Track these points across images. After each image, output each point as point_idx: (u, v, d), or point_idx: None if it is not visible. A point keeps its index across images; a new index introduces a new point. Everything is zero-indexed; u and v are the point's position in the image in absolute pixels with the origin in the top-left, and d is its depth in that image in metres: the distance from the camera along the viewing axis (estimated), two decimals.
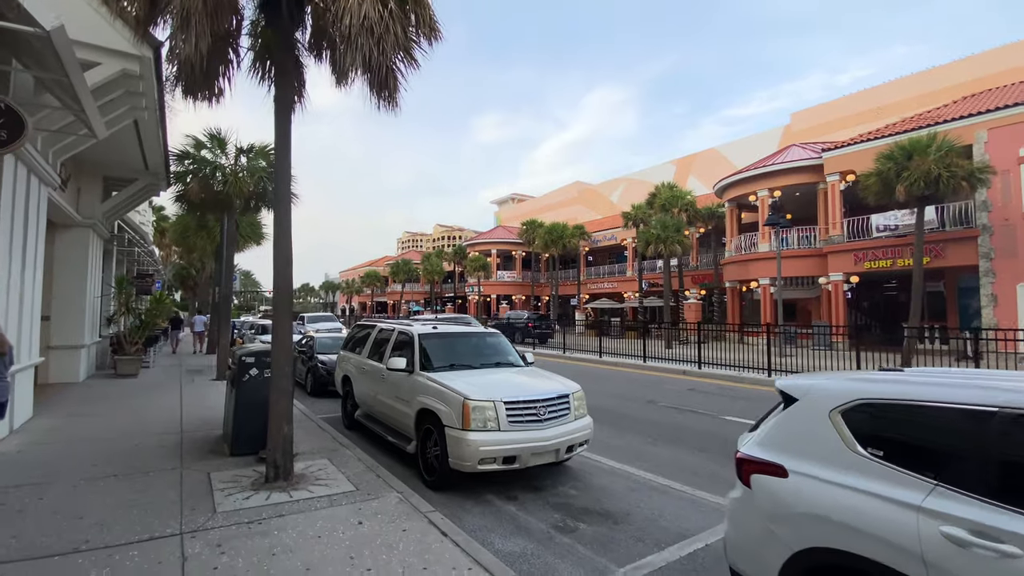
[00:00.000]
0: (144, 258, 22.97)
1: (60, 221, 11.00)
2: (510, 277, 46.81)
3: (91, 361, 12.47)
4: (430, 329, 6.93)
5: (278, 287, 5.30)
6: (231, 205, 12.87)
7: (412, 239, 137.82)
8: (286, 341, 5.25)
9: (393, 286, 67.09)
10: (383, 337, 7.70)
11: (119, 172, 11.99)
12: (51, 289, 11.00)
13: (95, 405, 8.78)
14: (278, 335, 5.22)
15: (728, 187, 26.28)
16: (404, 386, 6.29)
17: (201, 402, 9.33)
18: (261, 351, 6.17)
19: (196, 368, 15.11)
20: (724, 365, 14.02)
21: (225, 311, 12.92)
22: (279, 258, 5.29)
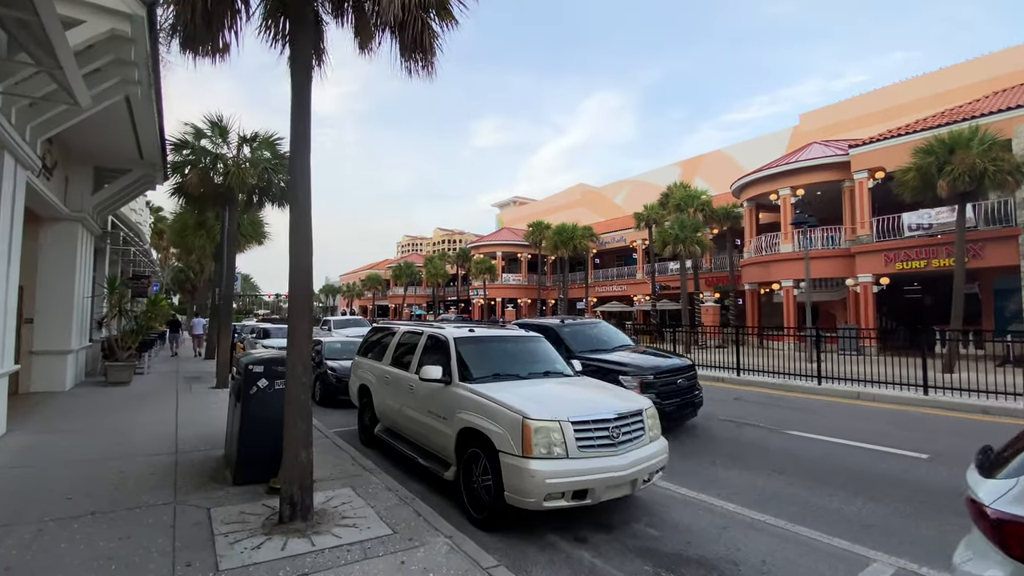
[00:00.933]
0: (140, 259, 21.99)
1: (46, 214, 10.04)
2: (516, 280, 45.84)
3: (80, 368, 11.48)
4: (466, 332, 5.97)
5: (295, 282, 4.34)
6: (233, 199, 11.93)
7: (412, 243, 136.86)
8: (303, 349, 4.29)
9: (395, 289, 66.06)
10: (408, 342, 6.74)
11: (111, 161, 11.04)
12: (35, 289, 10.03)
13: (80, 418, 7.79)
14: (295, 341, 4.25)
15: (746, 186, 25.39)
16: (440, 400, 5.33)
17: (199, 415, 8.34)
18: (271, 359, 5.21)
19: (194, 374, 14.11)
20: (765, 371, 13.05)
21: (226, 314, 11.94)
22: (297, 245, 4.33)
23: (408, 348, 6.69)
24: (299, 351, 4.24)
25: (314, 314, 29.14)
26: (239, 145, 11.78)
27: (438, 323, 6.84)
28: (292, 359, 4.23)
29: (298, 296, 4.32)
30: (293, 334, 4.25)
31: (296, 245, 4.32)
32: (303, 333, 4.29)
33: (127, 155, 10.85)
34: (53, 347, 10.09)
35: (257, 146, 11.90)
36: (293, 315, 4.29)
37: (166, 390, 10.92)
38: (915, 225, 19.02)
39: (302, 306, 4.33)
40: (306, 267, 4.36)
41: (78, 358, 11.20)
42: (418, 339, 6.44)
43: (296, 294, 4.32)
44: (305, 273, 4.35)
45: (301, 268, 4.33)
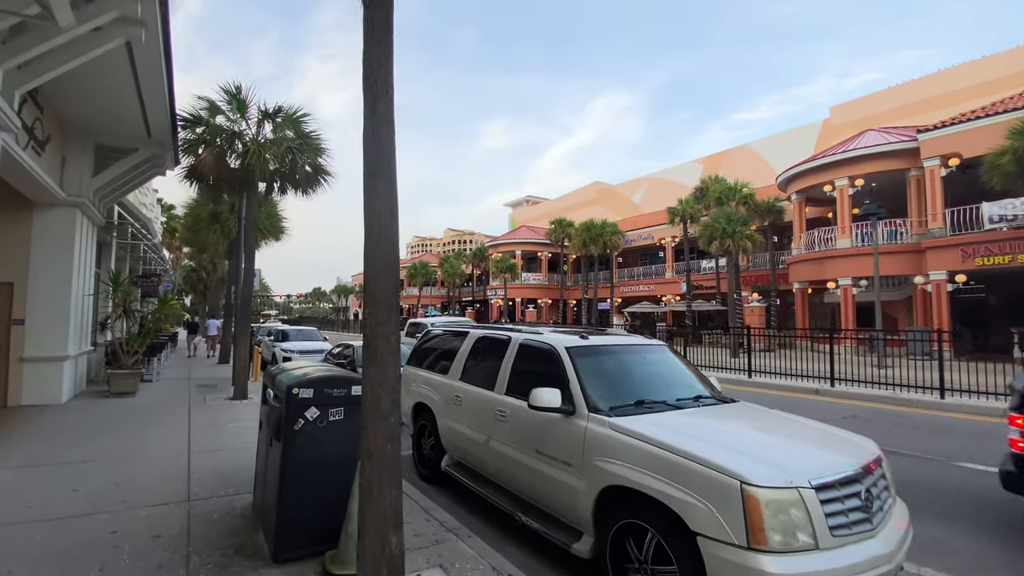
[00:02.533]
0: (150, 255, 20.68)
1: (38, 197, 8.61)
2: (536, 280, 44.22)
3: (79, 376, 10.05)
4: (576, 339, 4.37)
5: (377, 265, 2.76)
6: (252, 184, 10.46)
7: (421, 243, 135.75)
8: (389, 369, 2.70)
9: (409, 289, 64.65)
10: (487, 350, 5.18)
11: (114, 139, 9.60)
12: (26, 285, 8.61)
13: (71, 443, 6.31)
14: (377, 358, 2.68)
15: (795, 178, 23.60)
16: (558, 437, 3.75)
17: (216, 438, 6.84)
18: (324, 378, 3.65)
19: (208, 381, 12.67)
20: (862, 382, 11.36)
21: (243, 315, 10.47)
22: (379, 212, 2.76)
23: (487, 359, 5.13)
24: (383, 373, 2.67)
25: (331, 315, 27.03)
26: (260, 121, 10.30)
27: (522, 327, 5.30)
28: (371, 387, 2.67)
29: (381, 286, 2.75)
30: (374, 346, 2.68)
31: (378, 212, 2.76)
32: (389, 345, 2.71)
33: (132, 131, 9.41)
34: (47, 353, 8.66)
35: (280, 123, 10.42)
36: (373, 315, 2.73)
37: (176, 403, 9.45)
38: (998, 216, 17.16)
39: (386, 302, 2.76)
40: (390, 243, 2.80)
41: (77, 365, 9.77)
42: (503, 348, 4.87)
43: (378, 283, 2.75)
44: (390, 253, 2.79)
45: (383, 245, 2.76)
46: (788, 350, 14.77)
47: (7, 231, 8.54)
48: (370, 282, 2.74)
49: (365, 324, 2.74)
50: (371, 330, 2.70)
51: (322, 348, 16.72)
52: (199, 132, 10.03)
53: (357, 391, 3.68)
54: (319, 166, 11.19)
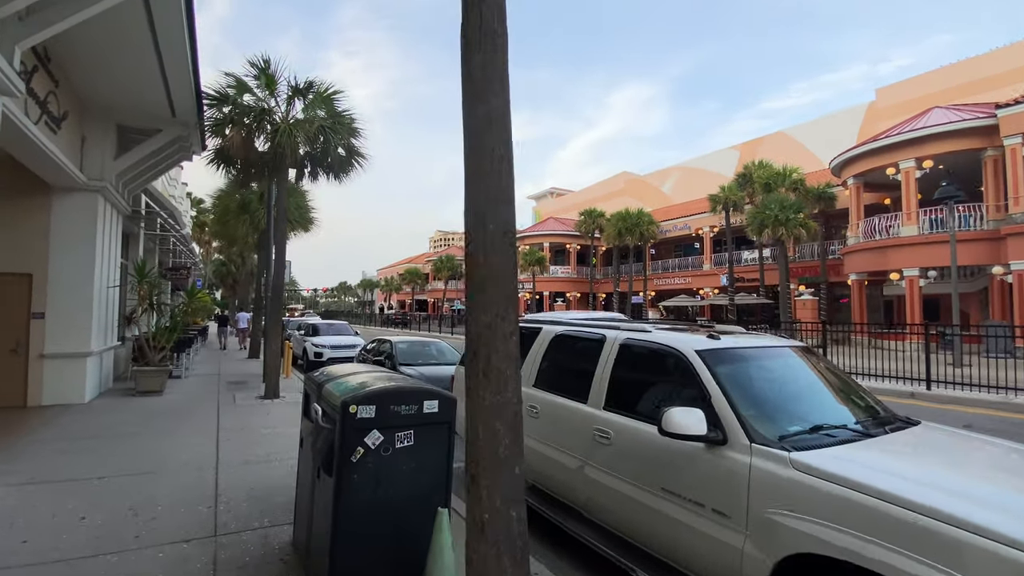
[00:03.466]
0: (180, 248, 20.34)
1: (57, 181, 7.98)
2: (564, 272, 43.07)
3: (105, 373, 9.48)
4: (705, 340, 3.35)
5: (486, 230, 1.81)
6: (282, 168, 9.68)
7: (444, 237, 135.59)
8: (509, 386, 1.76)
9: (434, 283, 64.22)
10: (571, 350, 4.22)
11: (137, 118, 8.92)
12: (45, 276, 8.00)
13: (87, 453, 5.59)
14: (491, 370, 1.74)
15: (852, 161, 21.89)
16: (702, 475, 2.76)
17: (248, 448, 6.05)
18: (388, 391, 2.73)
19: (238, 378, 12.06)
20: (957, 384, 10.04)
21: (275, 308, 9.73)
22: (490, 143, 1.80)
23: (571, 362, 4.17)
24: (500, 396, 1.75)
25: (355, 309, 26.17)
26: (290, 98, 9.51)
27: (631, 320, 4.31)
28: (484, 419, 1.74)
29: (495, 261, 1.79)
30: (486, 354, 1.74)
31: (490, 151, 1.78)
32: (507, 350, 1.75)
33: (155, 110, 8.71)
34: (68, 349, 8.05)
35: (312, 100, 9.60)
36: (484, 304, 1.77)
37: (205, 403, 8.77)
38: None
39: (504, 285, 1.79)
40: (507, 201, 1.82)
41: (102, 362, 9.19)
42: (595, 349, 3.88)
43: (490, 255, 1.79)
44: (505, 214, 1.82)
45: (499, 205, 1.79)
46: (842, 346, 13.40)
47: (24, 218, 7.94)
48: (478, 256, 1.79)
49: (470, 319, 1.79)
50: (480, 327, 1.76)
51: (354, 343, 16.05)
52: (226, 111, 9.29)
53: (430, 408, 2.76)
54: (353, 148, 10.37)
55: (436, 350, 10.32)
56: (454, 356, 10.16)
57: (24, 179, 7.77)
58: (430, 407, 2.77)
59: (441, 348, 10.46)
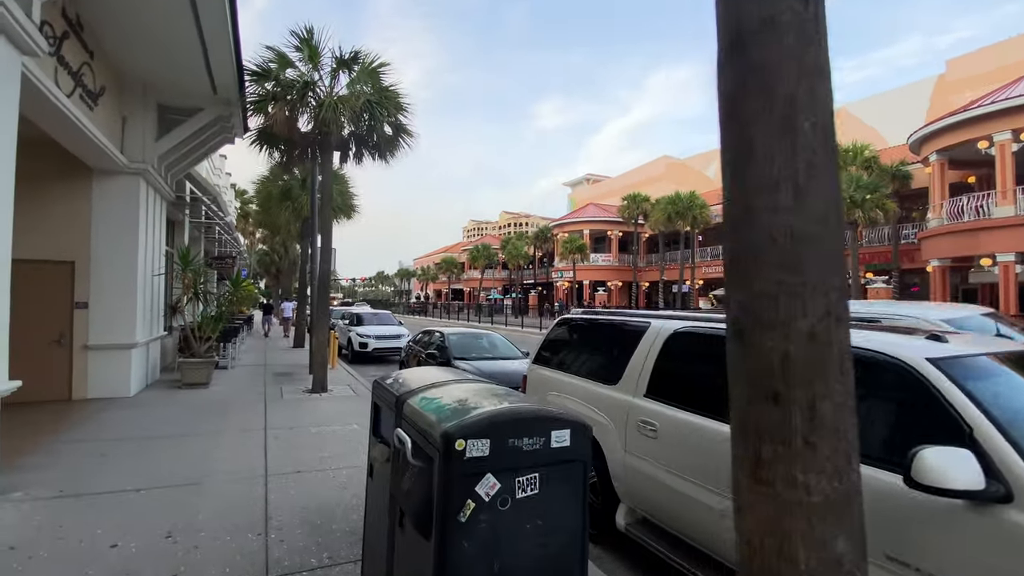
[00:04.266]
0: (225, 237, 20.32)
1: (97, 163, 7.56)
2: (605, 260, 41.71)
3: (151, 364, 9.16)
4: (934, 346, 2.37)
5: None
6: (327, 146, 9.05)
7: (477, 227, 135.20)
8: (844, 430, 0.87)
9: (470, 272, 63.90)
10: (702, 354, 3.33)
11: (177, 97, 8.44)
12: (88, 264, 7.62)
13: (124, 460, 5.08)
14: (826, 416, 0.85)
15: (935, 135, 19.75)
16: (970, 548, 1.83)
17: (299, 451, 5.43)
18: (506, 418, 1.90)
19: (284, 369, 11.69)
20: None
21: (322, 297, 9.17)
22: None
23: (707, 369, 3.28)
24: (837, 450, 0.86)
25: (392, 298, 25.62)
26: (334, 71, 8.83)
27: None
28: (799, 514, 0.85)
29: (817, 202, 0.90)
30: (810, 349, 0.86)
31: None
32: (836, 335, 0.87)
33: (196, 87, 8.19)
34: (113, 340, 7.69)
35: (357, 74, 8.89)
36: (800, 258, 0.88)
37: (251, 397, 8.30)
38: None
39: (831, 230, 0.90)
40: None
41: (148, 353, 8.85)
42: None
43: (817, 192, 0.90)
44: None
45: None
46: None
47: (65, 204, 7.57)
48: None
49: (754, 327, 0.92)
50: (788, 341, 0.87)
51: (399, 333, 15.56)
52: (268, 87, 8.71)
53: (560, 440, 1.93)
54: (400, 125, 9.64)
55: (489, 342, 9.58)
56: (509, 349, 9.40)
57: (65, 163, 7.38)
58: (560, 439, 1.93)
59: (494, 340, 9.70)
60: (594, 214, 42.66)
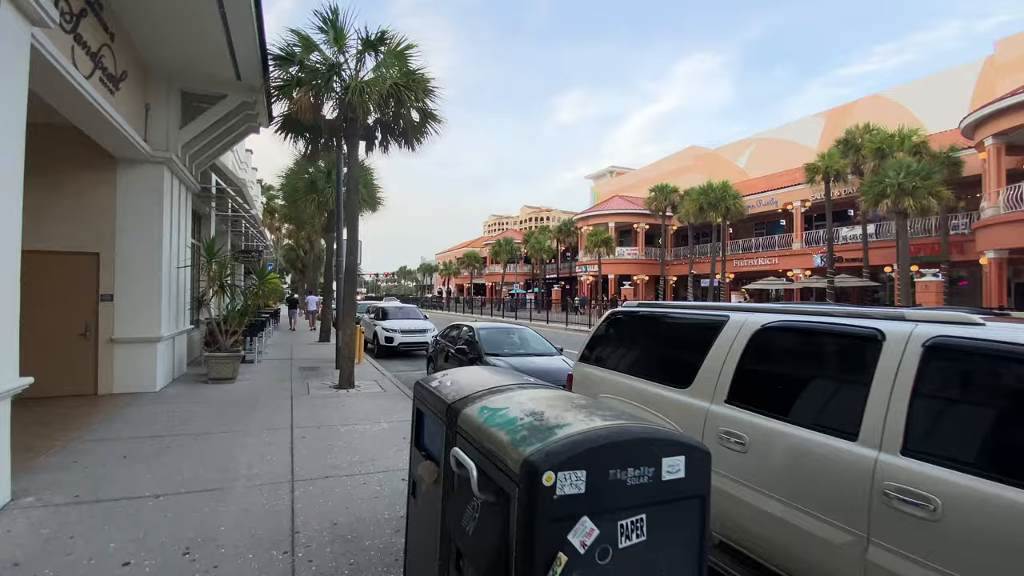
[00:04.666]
0: (252, 231, 20.33)
1: (121, 152, 7.34)
2: (631, 254, 40.75)
3: (177, 358, 8.99)
4: None
5: None
6: (352, 133, 8.68)
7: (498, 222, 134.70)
8: None
9: (492, 267, 63.56)
10: (795, 351, 2.81)
11: (201, 83, 8.18)
12: (112, 255, 7.43)
13: (146, 461, 4.79)
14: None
15: (991, 118, 18.42)
16: None
17: (327, 455, 5.08)
18: (602, 440, 1.42)
19: (310, 364, 11.49)
20: None
21: (349, 291, 8.85)
22: None
23: (806, 370, 2.76)
24: None
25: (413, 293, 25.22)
26: (360, 54, 8.44)
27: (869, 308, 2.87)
28: None
29: None
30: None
31: None
32: None
33: (220, 73, 7.92)
34: (138, 333, 7.50)
35: (384, 57, 8.49)
36: None
37: (278, 392, 8.04)
38: None
39: None
40: None
41: (174, 346, 8.68)
42: (858, 352, 2.44)
43: None
44: None
45: None
46: None
47: (89, 194, 7.38)
48: None
49: None
50: None
51: (425, 327, 15.25)
52: (293, 72, 8.37)
53: (672, 470, 1.47)
54: (427, 111, 9.21)
55: (520, 338, 9.13)
56: (542, 344, 8.93)
57: (89, 152, 7.20)
58: (672, 469, 1.46)
59: (525, 335, 9.24)
60: (620, 206, 41.74)
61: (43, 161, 7.15)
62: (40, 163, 7.14)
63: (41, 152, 7.14)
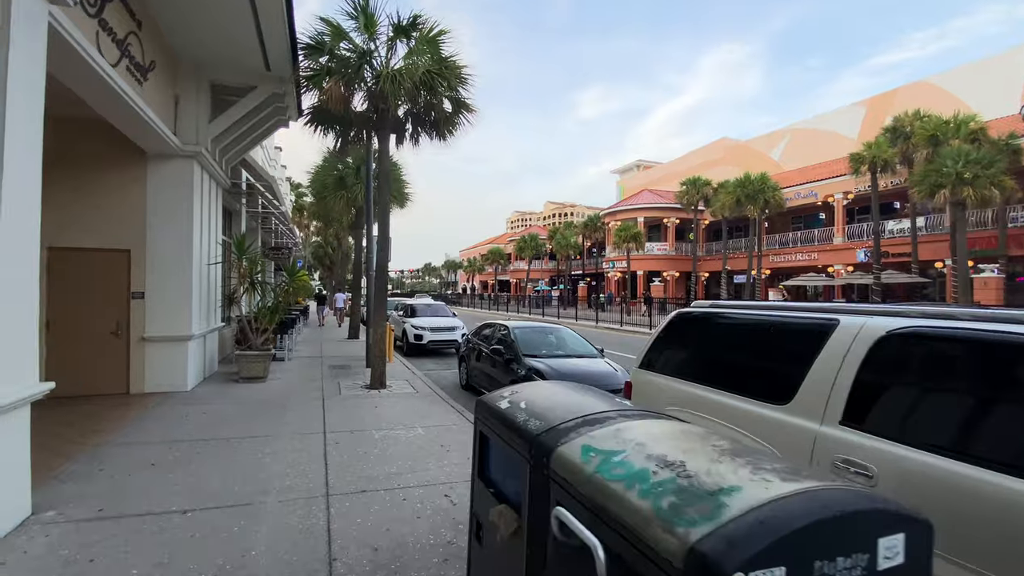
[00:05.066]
0: (282, 228, 20.37)
1: (150, 146, 7.17)
2: (660, 249, 39.74)
3: (209, 357, 8.85)
4: None
5: None
6: (383, 122, 8.35)
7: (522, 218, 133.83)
8: None
9: (516, 263, 63.12)
10: (952, 364, 2.27)
11: (230, 74, 7.95)
12: (144, 252, 7.28)
13: (173, 468, 4.53)
14: None
15: None
16: None
17: (363, 462, 4.74)
18: (802, 517, 0.98)
19: (340, 362, 11.28)
20: None
21: (380, 287, 8.55)
22: None
23: (950, 386, 2.23)
24: None
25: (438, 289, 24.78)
26: (391, 40, 8.09)
27: None
28: None
29: None
30: None
31: None
32: None
33: (249, 63, 7.67)
34: (169, 332, 7.33)
35: (416, 44, 8.12)
36: None
37: (309, 393, 7.79)
38: None
39: None
40: None
41: (205, 344, 8.53)
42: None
43: None
44: None
45: None
46: None
47: (120, 190, 7.24)
48: None
49: None
50: None
51: (453, 325, 14.92)
52: (322, 62, 8.07)
53: (891, 553, 0.97)
54: (460, 100, 8.82)
55: (557, 337, 8.65)
56: (582, 345, 8.44)
57: (120, 148, 7.05)
58: (890, 553, 1.00)
59: (562, 335, 8.77)
60: (649, 200, 40.72)
61: (73, 157, 7.03)
62: (70, 159, 7.04)
63: (71, 148, 7.03)
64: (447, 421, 6.36)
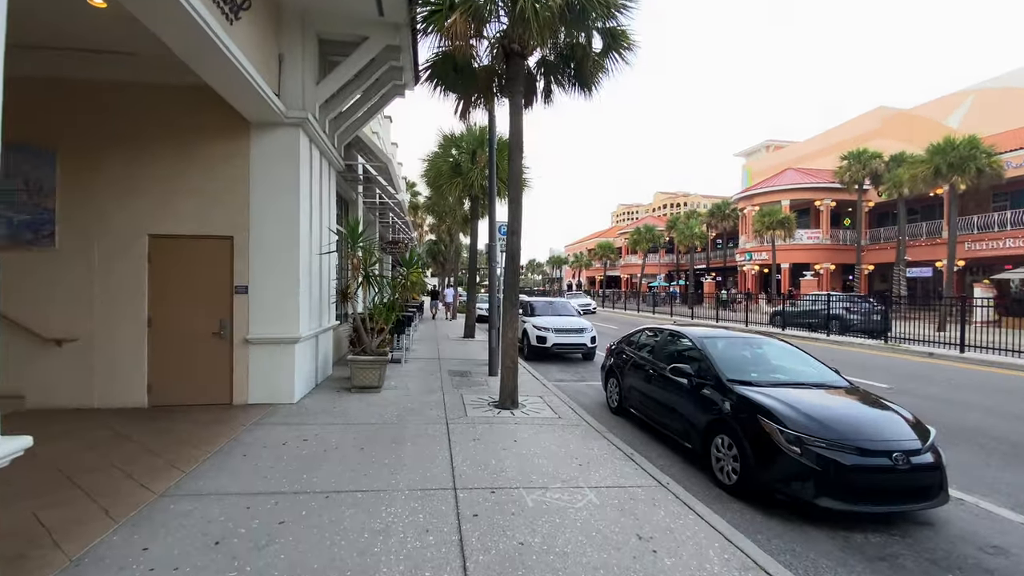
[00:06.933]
0: (398, 223, 19.90)
1: (251, 112, 6.02)
2: (811, 237, 33.93)
3: (321, 360, 7.76)
4: None
5: None
6: (514, 72, 6.52)
7: (627, 211, 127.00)
8: None
9: (627, 258, 59.31)
10: None
11: (339, 23, 6.64)
12: (247, 241, 6.18)
13: (241, 552, 3.00)
14: None
15: None
16: None
17: (521, 564, 2.85)
18: None
19: (459, 366, 9.84)
20: None
21: (511, 281, 6.76)
22: None
23: None
24: None
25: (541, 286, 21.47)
26: None
27: None
28: None
29: None
30: None
31: None
32: None
33: (359, 7, 6.28)
34: (274, 333, 6.19)
35: None
36: None
37: (429, 411, 6.21)
38: None
39: None
40: None
41: (316, 347, 7.41)
42: None
43: None
44: None
45: None
46: None
47: (224, 167, 6.23)
48: None
49: None
50: None
51: (581, 326, 12.86)
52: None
53: None
54: (616, 32, 6.71)
55: (765, 353, 5.96)
56: (807, 364, 5.66)
57: (223, 119, 6.03)
58: None
59: (771, 351, 6.00)
60: (795, 180, 35.03)
61: (170, 129, 6.12)
62: (172, 132, 6.17)
63: (172, 120, 6.15)
64: (624, 478, 4.31)
